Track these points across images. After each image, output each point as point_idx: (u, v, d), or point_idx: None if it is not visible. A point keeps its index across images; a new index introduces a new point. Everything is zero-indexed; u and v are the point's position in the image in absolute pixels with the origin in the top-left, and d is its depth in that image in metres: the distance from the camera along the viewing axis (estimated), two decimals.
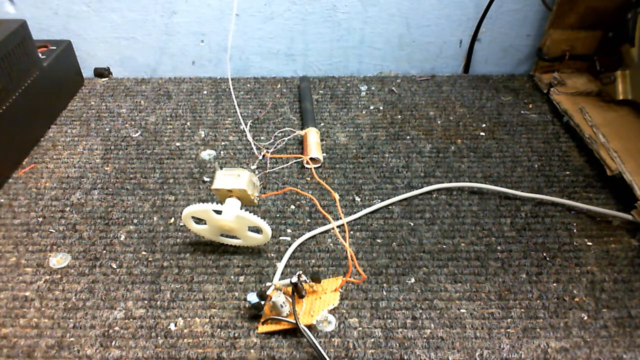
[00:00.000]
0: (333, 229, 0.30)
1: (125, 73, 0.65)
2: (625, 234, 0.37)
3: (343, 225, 0.30)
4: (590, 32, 0.59)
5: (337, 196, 0.32)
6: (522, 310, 0.31)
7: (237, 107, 0.43)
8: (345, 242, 0.29)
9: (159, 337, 0.29)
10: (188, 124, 0.51)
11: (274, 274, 0.33)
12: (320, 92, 0.57)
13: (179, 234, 0.37)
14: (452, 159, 0.46)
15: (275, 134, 0.49)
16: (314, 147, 0.45)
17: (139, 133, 0.49)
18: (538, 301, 0.32)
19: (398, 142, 0.48)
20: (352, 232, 0.30)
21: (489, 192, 0.41)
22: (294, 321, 0.28)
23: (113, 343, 0.30)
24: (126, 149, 0.47)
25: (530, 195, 0.41)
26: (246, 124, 0.50)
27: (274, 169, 0.44)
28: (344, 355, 0.28)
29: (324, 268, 0.34)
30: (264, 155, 0.44)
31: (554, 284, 0.33)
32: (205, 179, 0.43)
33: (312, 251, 0.36)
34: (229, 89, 0.57)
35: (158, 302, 0.31)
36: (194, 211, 0.33)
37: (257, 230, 0.34)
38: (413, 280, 0.33)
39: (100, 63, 0.63)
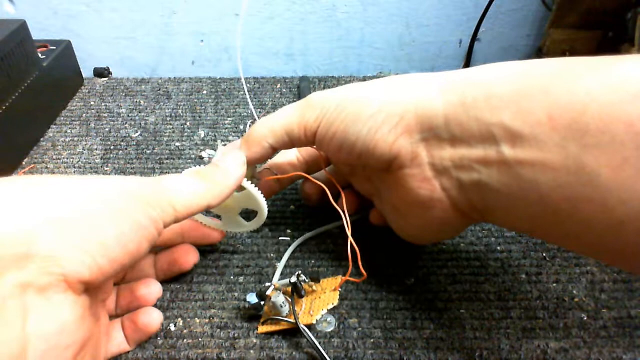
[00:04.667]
0: (345, 221, 0.30)
1: (125, 73, 0.65)
2: None
3: (347, 222, 0.30)
4: (590, 32, 0.59)
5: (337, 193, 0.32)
6: (522, 310, 0.31)
7: (249, 101, 0.43)
8: (349, 239, 0.29)
9: (159, 338, 0.29)
10: (188, 124, 0.51)
11: (274, 275, 0.33)
12: None
13: None
14: None
15: None
16: None
17: (139, 133, 0.49)
18: (538, 301, 0.32)
19: None
20: (352, 232, 0.30)
21: None
22: (294, 321, 0.28)
23: None
24: (126, 149, 0.47)
25: None
26: (246, 124, 0.50)
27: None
28: (343, 356, 0.28)
29: (324, 268, 0.34)
30: None
31: (554, 285, 0.33)
32: None
33: (312, 252, 0.36)
34: (229, 89, 0.57)
35: (158, 303, 0.31)
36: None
37: (248, 219, 0.33)
38: (413, 280, 0.33)
39: (100, 63, 0.63)
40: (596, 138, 0.19)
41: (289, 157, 0.35)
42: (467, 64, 0.68)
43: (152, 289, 0.30)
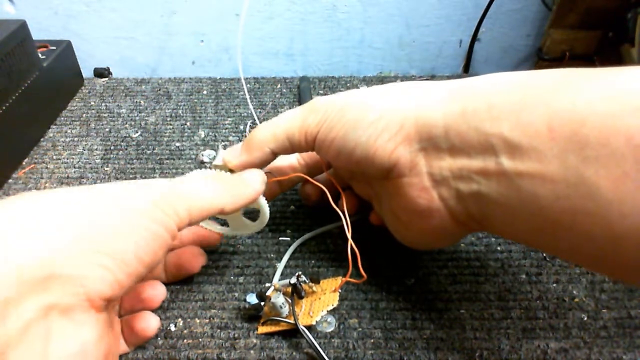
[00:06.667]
0: (345, 223, 0.30)
1: (125, 73, 0.65)
2: None
3: (347, 224, 0.30)
4: (590, 32, 0.59)
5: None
6: (522, 310, 0.31)
7: (249, 101, 0.43)
8: (349, 240, 0.29)
9: (159, 338, 0.30)
10: (188, 124, 0.51)
11: (274, 275, 0.33)
12: (320, 92, 0.57)
13: None
14: None
15: None
16: None
17: (139, 133, 0.49)
18: (538, 302, 0.32)
19: None
20: (352, 233, 0.30)
21: None
22: (293, 322, 0.28)
23: None
24: (126, 149, 0.47)
25: None
26: (246, 124, 0.50)
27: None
28: (343, 356, 0.28)
29: (324, 269, 0.34)
30: None
31: (554, 285, 0.33)
32: None
33: (312, 252, 0.36)
34: (229, 89, 0.57)
35: None
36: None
37: (252, 218, 0.33)
38: (413, 280, 0.33)
39: (100, 63, 0.63)
40: (596, 151, 0.19)
41: (290, 160, 0.35)
42: (467, 64, 0.68)
43: (157, 291, 0.30)
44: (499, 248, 0.36)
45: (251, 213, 0.33)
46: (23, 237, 0.20)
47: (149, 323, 0.28)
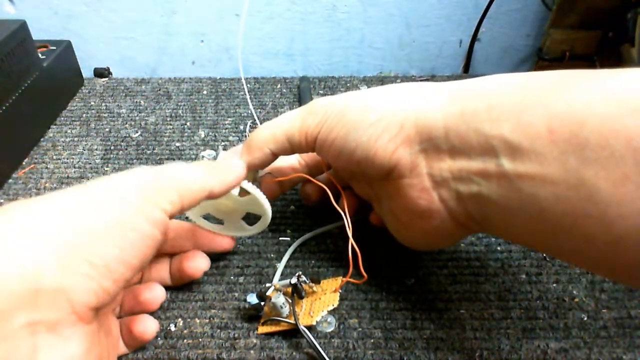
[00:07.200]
0: (346, 222, 0.30)
1: (125, 73, 0.65)
2: None
3: (347, 223, 0.30)
4: (590, 32, 0.59)
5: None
6: (522, 310, 0.31)
7: (249, 101, 0.43)
8: (350, 241, 0.29)
9: (159, 338, 0.30)
10: (188, 124, 0.51)
11: (274, 275, 0.33)
12: (320, 92, 0.57)
13: None
14: None
15: None
16: None
17: (139, 133, 0.49)
18: (538, 302, 0.32)
19: None
20: (352, 233, 0.30)
21: None
22: (294, 322, 0.28)
23: None
24: (126, 149, 0.47)
25: None
26: (246, 124, 0.50)
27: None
28: (343, 356, 0.28)
29: (324, 269, 0.34)
30: None
31: (554, 285, 0.33)
32: None
33: (312, 252, 0.36)
34: (229, 89, 0.57)
35: None
36: None
37: (251, 223, 0.33)
38: (413, 280, 0.33)
39: (100, 63, 0.63)
40: (596, 153, 0.19)
41: (291, 160, 0.35)
42: (467, 64, 0.68)
43: (155, 294, 0.30)
44: (499, 248, 0.36)
45: (252, 216, 0.33)
46: (7, 249, 0.20)
47: (147, 327, 0.28)
